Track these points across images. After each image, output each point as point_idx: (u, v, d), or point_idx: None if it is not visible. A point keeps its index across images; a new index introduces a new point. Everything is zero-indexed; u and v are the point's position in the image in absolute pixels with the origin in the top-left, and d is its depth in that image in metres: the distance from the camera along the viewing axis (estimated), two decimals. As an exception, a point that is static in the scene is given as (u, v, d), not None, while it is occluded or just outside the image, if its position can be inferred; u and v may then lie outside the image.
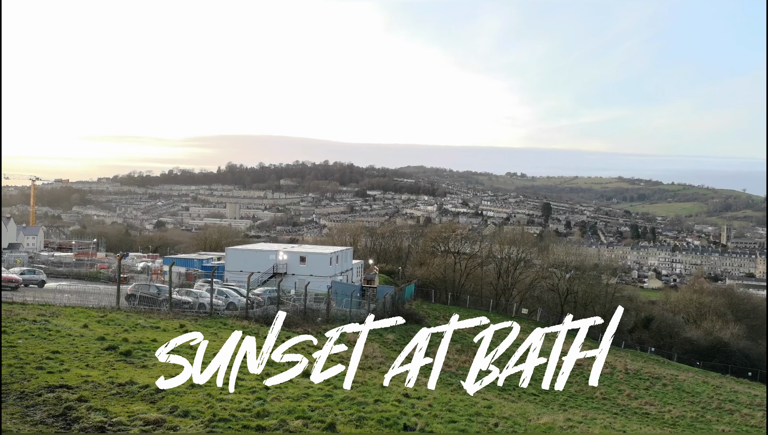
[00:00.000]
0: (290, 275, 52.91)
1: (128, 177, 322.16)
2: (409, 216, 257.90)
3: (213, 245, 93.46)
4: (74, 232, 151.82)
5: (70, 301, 26.60)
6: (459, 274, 73.77)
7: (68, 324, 18.58)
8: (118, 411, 9.74)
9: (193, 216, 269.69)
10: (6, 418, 8.90)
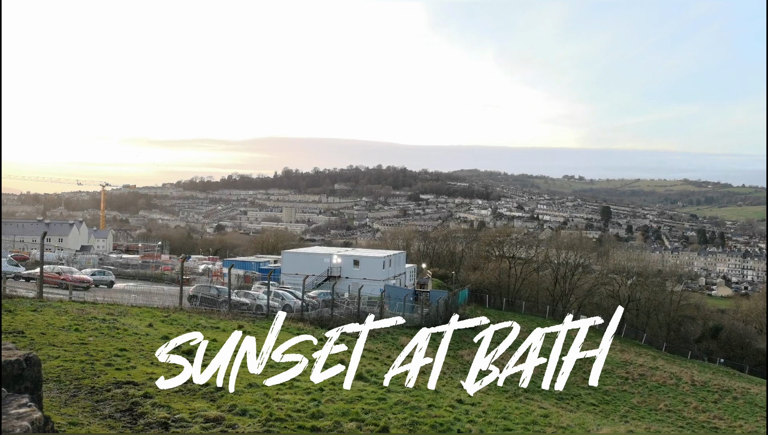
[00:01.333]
0: (344, 278, 53.49)
1: (190, 182, 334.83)
2: (463, 220, 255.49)
3: (270, 248, 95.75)
4: (140, 235, 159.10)
5: (137, 301, 27.86)
6: (514, 280, 72.43)
7: (135, 323, 19.46)
8: (181, 408, 10.11)
9: (251, 220, 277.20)
10: (78, 411, 9.42)
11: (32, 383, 2.05)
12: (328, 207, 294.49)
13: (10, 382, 1.96)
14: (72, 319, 17.73)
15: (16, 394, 1.80)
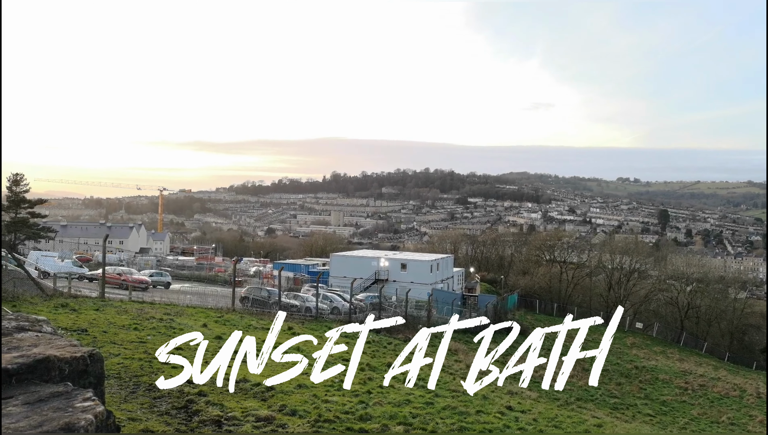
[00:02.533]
0: (391, 282, 53.59)
1: (242, 186, 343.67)
2: (512, 223, 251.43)
3: (318, 251, 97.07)
4: (195, 238, 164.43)
5: (192, 301, 28.78)
6: (565, 285, 70.67)
7: (190, 323, 20.09)
8: (233, 406, 10.37)
9: (300, 223, 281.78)
10: (136, 407, 9.80)
11: (95, 379, 2.13)
12: (376, 210, 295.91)
13: (76, 377, 2.05)
14: (132, 319, 18.48)
15: (81, 388, 1.88)
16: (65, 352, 2.08)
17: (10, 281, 20.73)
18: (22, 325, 3.21)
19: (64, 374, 1.99)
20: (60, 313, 16.89)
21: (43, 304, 18.13)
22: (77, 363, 2.08)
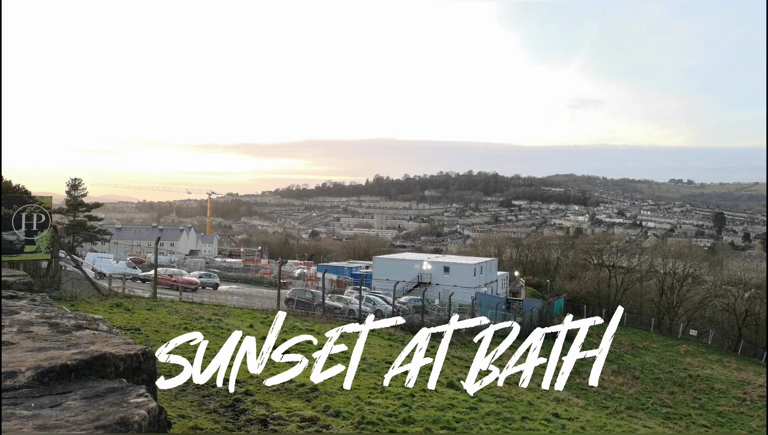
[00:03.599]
0: (434, 285, 53.31)
1: (287, 190, 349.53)
2: (558, 226, 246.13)
3: (361, 254, 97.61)
4: (242, 240, 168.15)
5: (239, 302, 29.43)
6: (614, 290, 68.62)
7: (237, 323, 20.54)
8: (279, 406, 10.53)
9: (344, 226, 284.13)
10: (186, 404, 10.08)
11: (148, 376, 2.20)
12: (419, 213, 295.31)
13: (130, 374, 2.12)
14: (182, 318, 19.04)
15: (135, 385, 1.94)
16: (120, 350, 2.16)
17: (69, 281, 21.72)
18: (80, 323, 3.36)
19: (119, 371, 2.07)
20: (115, 313, 17.57)
21: (99, 304, 18.91)
22: (131, 360, 2.15)
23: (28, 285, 5.46)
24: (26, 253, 18.38)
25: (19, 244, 17.99)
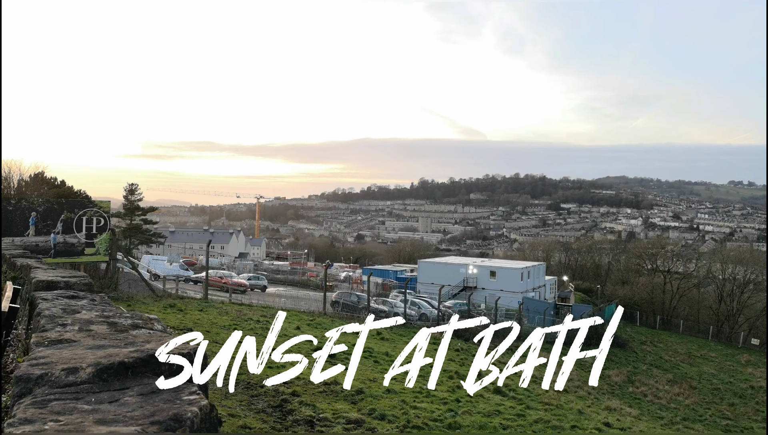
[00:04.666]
0: (480, 289, 52.71)
1: (333, 193, 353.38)
2: (609, 230, 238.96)
3: (406, 258, 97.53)
4: (289, 243, 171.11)
5: (286, 304, 29.93)
6: (669, 296, 65.98)
7: (284, 325, 20.84)
8: (325, 408, 10.64)
9: (389, 229, 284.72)
10: (235, 404, 10.32)
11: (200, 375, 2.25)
12: (464, 217, 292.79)
13: (182, 372, 2.18)
14: (232, 319, 19.52)
15: (187, 383, 2.01)
16: (178, 349, 2.22)
17: (126, 282, 22.65)
18: (136, 322, 3.49)
19: (172, 369, 2.14)
20: (168, 313, 18.18)
21: (154, 304, 19.61)
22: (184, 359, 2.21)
23: (88, 286, 5.73)
24: (87, 255, 19.29)
25: (80, 247, 18.90)
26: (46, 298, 4.32)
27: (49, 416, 1.64)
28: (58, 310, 3.69)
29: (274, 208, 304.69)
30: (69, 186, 48.72)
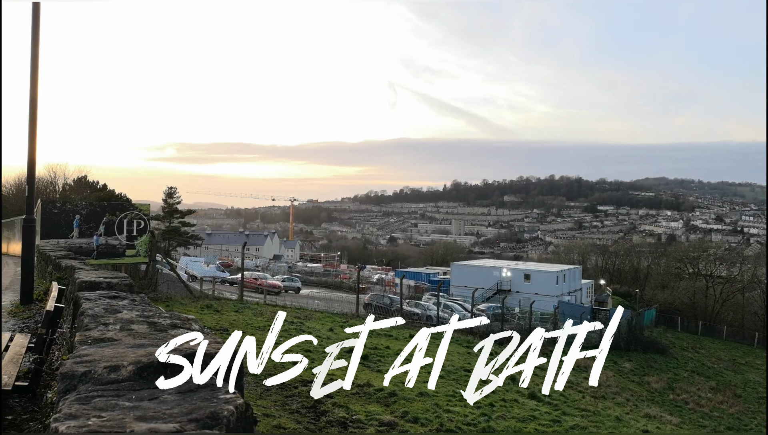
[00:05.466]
0: (514, 293, 52.03)
1: (366, 196, 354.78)
2: (648, 233, 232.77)
3: (439, 260, 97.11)
4: (322, 245, 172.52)
5: (319, 306, 30.17)
6: (712, 301, 63.83)
7: (317, 326, 21.07)
8: (358, 409, 10.67)
9: (421, 232, 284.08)
10: (270, 404, 10.45)
11: (236, 374, 2.29)
12: (497, 219, 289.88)
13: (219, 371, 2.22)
14: (266, 321, 19.79)
15: (224, 382, 2.04)
16: (211, 349, 2.27)
17: (165, 283, 23.22)
18: (174, 322, 3.58)
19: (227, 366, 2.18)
20: (205, 314, 18.56)
21: (192, 305, 20.04)
22: (221, 359, 2.25)
23: (129, 286, 5.89)
24: (127, 257, 19.86)
25: (121, 249, 19.47)
26: (89, 298, 4.47)
27: (93, 412, 1.69)
28: (100, 310, 3.81)
29: (307, 210, 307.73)
30: (110, 189, 50.22)
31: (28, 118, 11.11)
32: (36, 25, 11.40)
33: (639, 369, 33.67)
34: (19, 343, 5.64)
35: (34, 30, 11.34)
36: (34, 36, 11.33)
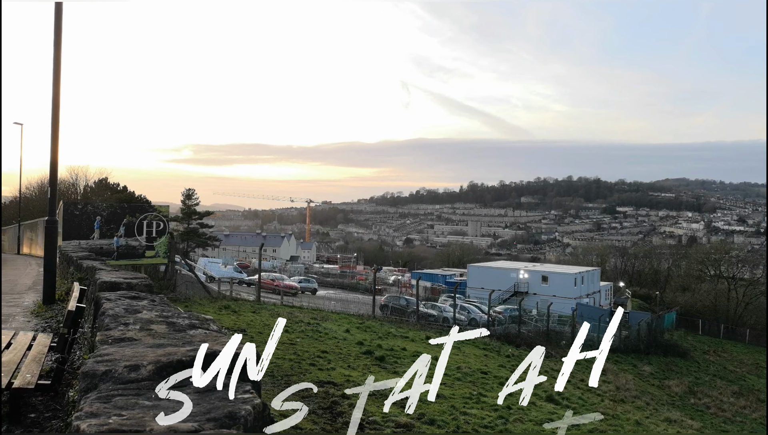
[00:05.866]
0: (531, 295, 51.64)
1: (382, 197, 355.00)
2: (668, 235, 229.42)
3: (455, 262, 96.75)
4: (339, 247, 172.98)
5: (336, 307, 30.24)
6: (734, 304, 62.66)
7: (334, 328, 21.12)
8: (374, 411, 10.67)
9: (438, 233, 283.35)
10: (287, 405, 10.51)
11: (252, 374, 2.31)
12: (514, 221, 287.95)
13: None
14: (283, 321, 19.88)
15: (241, 381, 2.06)
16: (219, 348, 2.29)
17: (183, 284, 23.47)
18: (193, 323, 3.62)
19: (227, 368, 2.20)
20: (223, 314, 18.71)
21: (210, 305, 20.23)
22: (237, 359, 2.27)
23: (148, 287, 5.96)
24: (147, 258, 20.12)
25: (140, 250, 19.74)
26: (109, 298, 4.54)
27: (113, 411, 1.72)
28: (120, 310, 3.87)
29: (323, 211, 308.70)
30: (130, 191, 50.88)
31: (51, 121, 11.21)
32: (59, 25, 11.17)
33: (659, 373, 33.18)
34: (41, 342, 5.75)
35: (56, 30, 11.09)
36: (57, 36, 11.08)
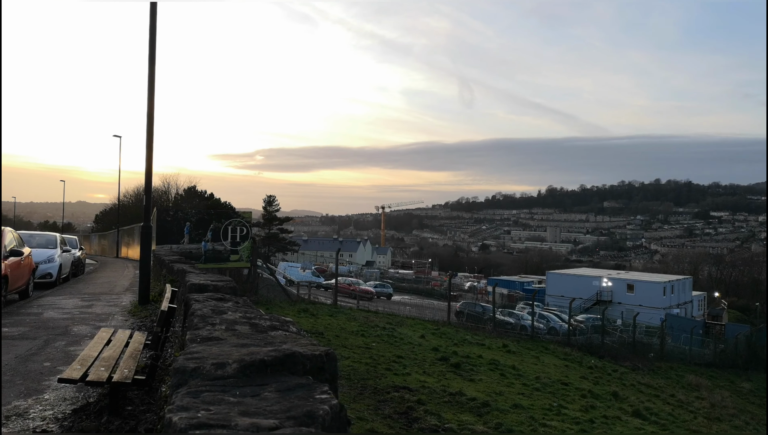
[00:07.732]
0: (615, 304, 49.25)
1: (457, 203, 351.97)
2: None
3: (533, 268, 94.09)
4: (413, 252, 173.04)
5: (411, 313, 30.25)
6: None
7: (409, 333, 21.13)
8: (450, 418, 10.56)
9: (514, 239, 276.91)
10: (363, 407, 10.61)
11: (330, 376, 2.37)
12: (597, 226, 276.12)
13: (315, 372, 2.31)
14: (359, 325, 20.16)
15: (319, 382, 2.11)
16: (307, 350, 2.36)
17: (264, 287, 24.38)
18: (274, 324, 3.75)
19: (306, 369, 2.26)
20: (302, 317, 19.25)
21: (289, 308, 20.87)
22: (316, 360, 2.33)
23: (233, 289, 6.25)
24: (232, 261, 21.11)
25: (226, 254, 20.74)
26: (198, 299, 4.80)
27: (201, 405, 1.82)
28: (208, 311, 4.08)
29: (398, 217, 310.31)
30: (216, 198, 53.56)
31: (146, 131, 11.95)
32: (153, 25, 11.07)
33: (759, 390, 30.53)
34: (137, 340, 6.18)
35: (151, 30, 10.98)
36: (152, 37, 10.94)
